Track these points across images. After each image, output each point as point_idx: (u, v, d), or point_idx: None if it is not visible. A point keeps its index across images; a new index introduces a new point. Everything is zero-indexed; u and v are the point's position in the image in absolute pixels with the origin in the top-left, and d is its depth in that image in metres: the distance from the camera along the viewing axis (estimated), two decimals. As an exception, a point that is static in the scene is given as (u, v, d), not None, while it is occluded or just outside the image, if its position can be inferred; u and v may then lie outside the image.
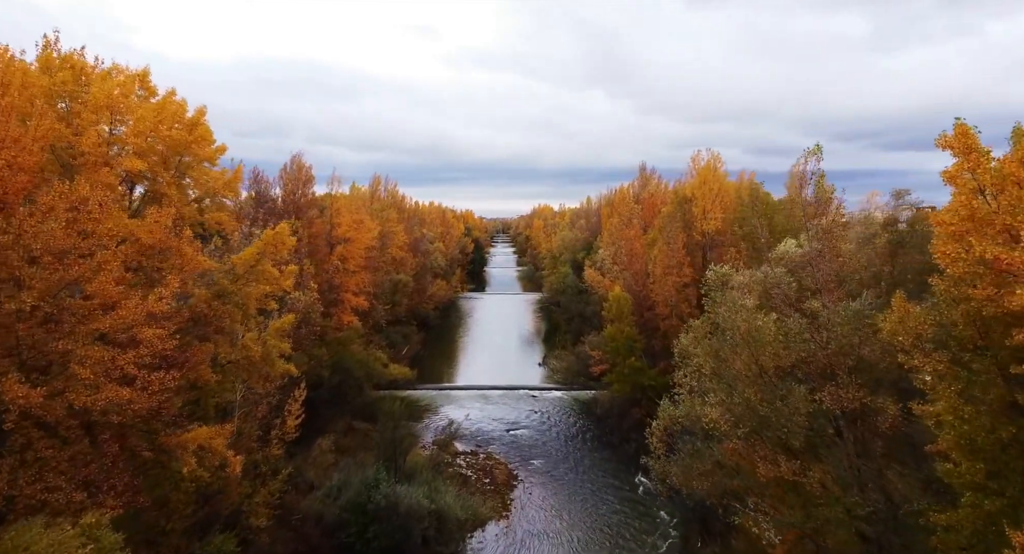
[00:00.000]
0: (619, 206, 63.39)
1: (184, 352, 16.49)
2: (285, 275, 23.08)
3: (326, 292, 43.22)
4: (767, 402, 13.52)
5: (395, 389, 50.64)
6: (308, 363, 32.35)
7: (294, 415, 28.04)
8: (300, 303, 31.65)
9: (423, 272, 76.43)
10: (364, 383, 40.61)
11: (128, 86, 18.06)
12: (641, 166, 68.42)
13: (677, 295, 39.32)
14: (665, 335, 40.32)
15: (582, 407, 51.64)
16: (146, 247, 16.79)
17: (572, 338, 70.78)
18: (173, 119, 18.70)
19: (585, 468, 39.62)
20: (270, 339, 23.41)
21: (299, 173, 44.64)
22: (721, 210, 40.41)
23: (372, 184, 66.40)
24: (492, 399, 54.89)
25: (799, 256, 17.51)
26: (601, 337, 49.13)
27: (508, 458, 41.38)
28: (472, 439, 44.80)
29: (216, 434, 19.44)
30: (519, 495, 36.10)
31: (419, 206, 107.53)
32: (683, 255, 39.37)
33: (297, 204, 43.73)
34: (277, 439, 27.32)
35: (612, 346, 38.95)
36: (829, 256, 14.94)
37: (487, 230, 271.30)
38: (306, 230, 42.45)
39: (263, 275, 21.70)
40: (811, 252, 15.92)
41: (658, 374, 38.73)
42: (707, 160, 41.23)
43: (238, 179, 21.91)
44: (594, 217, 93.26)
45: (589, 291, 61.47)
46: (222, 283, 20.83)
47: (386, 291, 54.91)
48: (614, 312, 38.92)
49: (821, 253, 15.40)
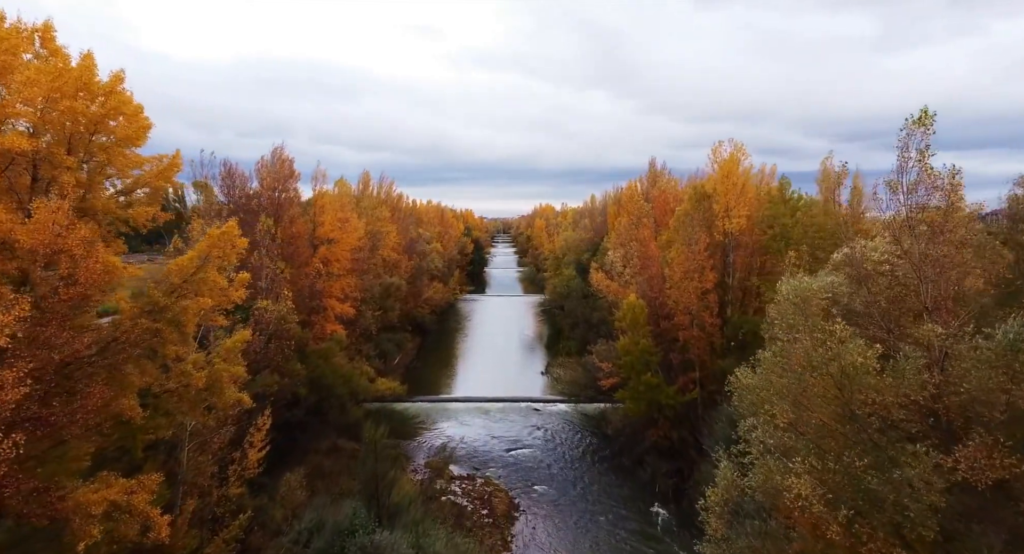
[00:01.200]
0: (628, 204, 59.17)
1: (48, 406, 12.23)
2: (236, 285, 18.85)
3: (307, 299, 39.04)
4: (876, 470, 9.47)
5: (387, 402, 46.47)
6: (279, 382, 28.16)
7: (257, 447, 23.86)
8: (269, 314, 27.45)
9: (419, 274, 72.22)
10: (347, 401, 36.37)
11: (14, 41, 13.88)
12: (651, 161, 64.29)
13: (698, 302, 35.10)
14: (684, 347, 36.08)
15: (589, 423, 47.43)
16: (28, 252, 12.61)
17: (577, 344, 66.59)
18: (77, 85, 14.52)
19: (594, 496, 35.39)
20: (218, 362, 19.19)
21: (280, 167, 40.43)
22: (746, 207, 36.18)
23: (361, 180, 62.19)
24: (492, 413, 50.67)
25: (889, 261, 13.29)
26: (610, 346, 44.87)
27: (509, 483, 37.18)
28: (469, 460, 40.60)
29: (136, 487, 15.23)
30: (521, 530, 31.88)
31: (416, 205, 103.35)
32: (704, 257, 35.15)
33: (277, 201, 39.55)
34: (236, 476, 23.14)
35: (625, 360, 34.74)
36: (949, 262, 10.85)
37: (488, 230, 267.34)
38: (286, 230, 38.30)
39: (206, 285, 17.51)
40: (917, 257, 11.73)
41: (677, 392, 34.50)
42: (730, 152, 36.99)
43: (176, 167, 17.72)
44: (599, 216, 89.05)
45: (596, 296, 57.20)
46: (153, 296, 16.65)
47: (376, 296, 50.71)
48: (628, 322, 34.70)
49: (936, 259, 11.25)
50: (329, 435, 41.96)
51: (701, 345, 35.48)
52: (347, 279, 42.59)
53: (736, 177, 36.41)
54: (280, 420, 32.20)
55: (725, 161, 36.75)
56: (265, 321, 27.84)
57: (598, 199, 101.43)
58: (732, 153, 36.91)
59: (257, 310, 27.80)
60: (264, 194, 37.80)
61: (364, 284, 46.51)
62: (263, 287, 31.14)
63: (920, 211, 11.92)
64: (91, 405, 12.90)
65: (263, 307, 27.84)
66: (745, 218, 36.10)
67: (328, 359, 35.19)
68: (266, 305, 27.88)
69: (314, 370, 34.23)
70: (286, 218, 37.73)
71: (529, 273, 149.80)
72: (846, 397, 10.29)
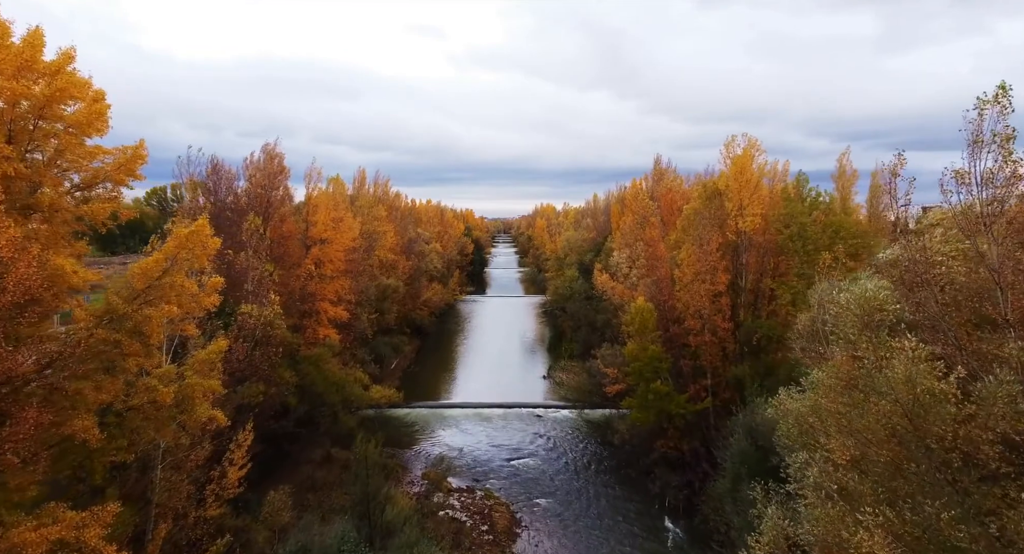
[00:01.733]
0: (632, 203, 57.25)
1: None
2: (207, 290, 17.02)
3: (298, 302, 37.21)
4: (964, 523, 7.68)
5: (383, 408, 44.62)
6: (265, 392, 26.32)
7: (238, 464, 22.02)
8: (252, 320, 25.61)
9: (417, 275, 70.34)
10: (340, 410, 34.51)
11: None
12: (656, 158, 62.39)
13: (709, 305, 33.25)
14: (695, 353, 34.22)
15: (594, 430, 45.57)
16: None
17: (580, 347, 64.74)
18: (17, 64, 12.68)
19: (601, 510, 33.53)
20: (190, 376, 17.35)
21: (270, 164, 38.58)
22: (760, 205, 34.31)
23: (357, 178, 60.26)
24: (492, 420, 48.83)
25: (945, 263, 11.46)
26: (615, 351, 43.02)
27: (510, 496, 35.31)
28: (469, 471, 38.74)
29: (87, 520, 13.38)
30: (523, 548, 30.01)
31: (415, 204, 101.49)
32: (717, 258, 33.29)
33: (267, 200, 37.71)
34: (214, 497, 21.30)
35: (633, 366, 32.88)
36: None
37: (488, 230, 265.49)
38: (276, 229, 36.46)
39: (173, 290, 15.68)
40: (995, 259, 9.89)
41: (688, 400, 32.63)
42: (743, 147, 35.11)
43: (140, 158, 15.85)
44: (602, 216, 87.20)
45: (599, 297, 55.34)
46: (112, 303, 14.83)
47: (372, 298, 48.84)
48: (636, 326, 32.83)
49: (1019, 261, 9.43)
50: (322, 444, 40.08)
51: (713, 351, 33.63)
52: (341, 281, 40.74)
53: (750, 174, 34.54)
54: (267, 431, 30.38)
55: (738, 157, 34.89)
56: (250, 327, 26.00)
57: (601, 198, 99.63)
58: (745, 149, 35.06)
59: (242, 315, 25.95)
60: (253, 192, 35.95)
61: (359, 286, 44.66)
62: (249, 290, 29.31)
63: (999, 205, 10.08)
64: (23, 432, 11.06)
65: (247, 312, 25.99)
66: (759, 216, 34.24)
67: (319, 365, 33.35)
68: (250, 310, 26.03)
69: (305, 377, 32.39)
70: (276, 217, 35.90)
71: (530, 274, 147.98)
72: (920, 429, 8.48)
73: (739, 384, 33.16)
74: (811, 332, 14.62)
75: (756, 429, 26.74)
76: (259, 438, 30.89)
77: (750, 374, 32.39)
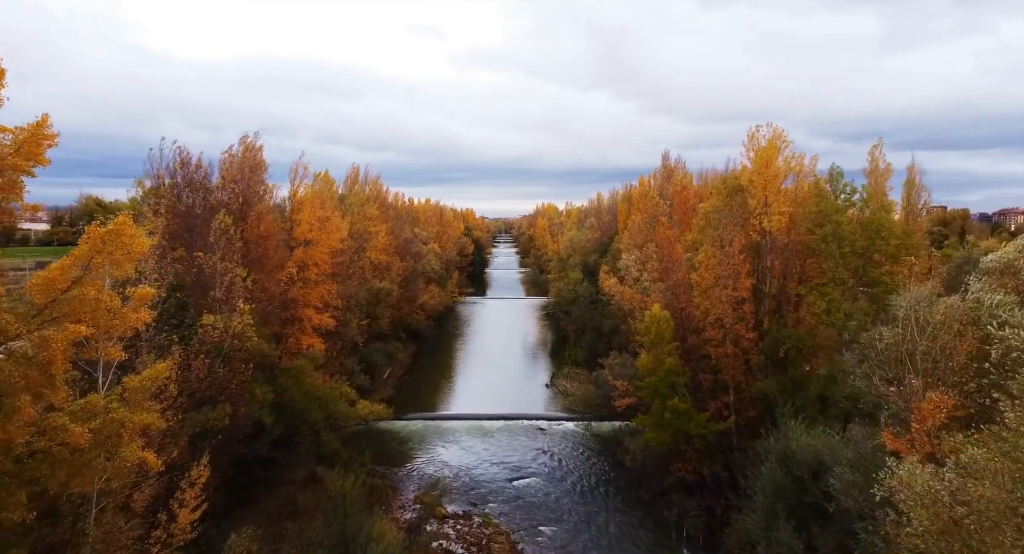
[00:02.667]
0: (641, 202, 54.07)
1: None
2: (134, 304, 13.71)
3: (278, 309, 33.94)
4: None
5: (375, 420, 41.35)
6: (232, 415, 23.06)
7: (191, 506, 18.72)
8: (217, 333, 22.34)
9: (413, 277, 67.08)
10: (322, 429, 31.24)
11: None
12: (664, 155, 59.22)
13: (732, 313, 29.96)
14: (716, 366, 30.91)
15: (602, 445, 42.28)
16: None
17: (584, 353, 61.49)
18: None
19: (610, 539, 30.21)
20: (115, 408, 14.04)
21: (247, 157, 35.32)
22: (787, 203, 31.01)
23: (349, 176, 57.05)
24: (492, 433, 45.53)
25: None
26: (625, 360, 39.75)
27: (511, 523, 32.00)
28: (465, 493, 35.44)
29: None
30: (525, 588, 26.76)
31: (412, 204, 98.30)
32: (740, 261, 30.00)
33: (244, 196, 34.46)
34: (160, 546, 18.02)
35: (648, 381, 29.60)
36: None
37: (489, 230, 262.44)
38: (253, 229, 33.16)
39: (85, 305, 12.44)
40: None
41: (708, 420, 29.32)
42: (768, 139, 31.78)
43: (43, 138, 12.61)
44: (607, 215, 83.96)
45: (605, 301, 52.03)
46: (3, 322, 11.60)
47: (362, 302, 45.59)
48: (652, 337, 29.55)
49: None
50: (305, 463, 36.84)
51: (735, 363, 30.32)
52: (327, 285, 37.49)
53: (775, 168, 31.24)
54: (237, 457, 27.11)
55: (762, 149, 31.57)
56: (213, 340, 22.72)
57: (605, 197, 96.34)
58: (771, 140, 31.73)
59: (203, 328, 22.68)
60: (227, 187, 32.70)
61: (348, 290, 41.40)
62: (218, 297, 26.06)
63: None
64: None
65: (211, 323, 22.71)
66: (786, 215, 30.93)
67: (300, 379, 30.09)
68: (214, 321, 22.75)
69: (283, 393, 29.14)
70: (252, 215, 32.63)
71: (531, 275, 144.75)
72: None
73: (765, 400, 29.91)
74: (896, 357, 11.30)
75: (791, 457, 23.50)
76: (229, 463, 27.69)
77: (777, 390, 29.15)
